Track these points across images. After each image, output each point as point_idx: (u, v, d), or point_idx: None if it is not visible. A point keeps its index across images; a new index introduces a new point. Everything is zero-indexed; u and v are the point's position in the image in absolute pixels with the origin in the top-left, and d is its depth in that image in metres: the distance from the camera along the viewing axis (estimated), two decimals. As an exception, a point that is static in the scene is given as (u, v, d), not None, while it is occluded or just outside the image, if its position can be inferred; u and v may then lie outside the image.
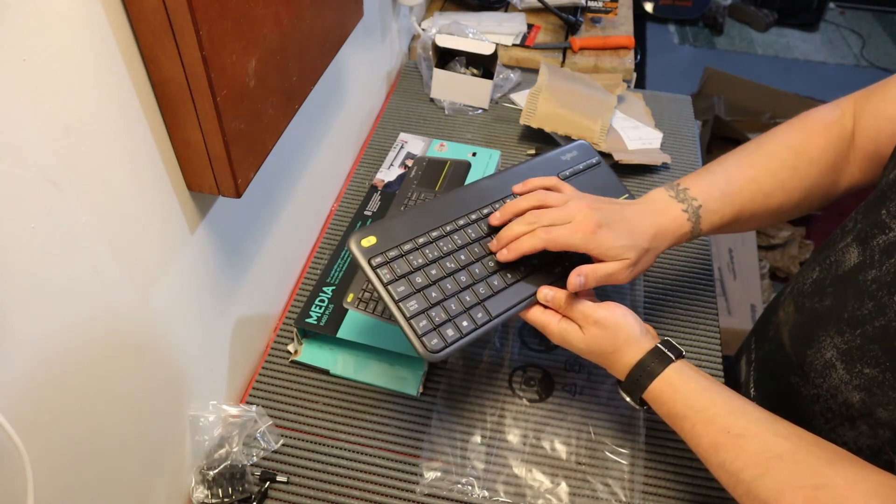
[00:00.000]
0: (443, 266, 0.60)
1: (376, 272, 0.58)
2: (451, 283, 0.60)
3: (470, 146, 0.98)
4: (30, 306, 0.39)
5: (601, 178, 0.75)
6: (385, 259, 0.58)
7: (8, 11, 0.34)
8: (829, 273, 0.59)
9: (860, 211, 0.59)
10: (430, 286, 0.59)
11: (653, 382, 0.56)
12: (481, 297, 0.60)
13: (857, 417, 0.55)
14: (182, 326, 0.59)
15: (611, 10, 1.27)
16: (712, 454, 0.52)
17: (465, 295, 0.60)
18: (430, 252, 0.60)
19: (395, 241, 0.60)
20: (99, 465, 0.49)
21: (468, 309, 0.59)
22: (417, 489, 0.65)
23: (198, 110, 0.47)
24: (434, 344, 0.56)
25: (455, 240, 0.62)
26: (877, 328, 0.52)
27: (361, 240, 0.59)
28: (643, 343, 0.58)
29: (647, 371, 0.57)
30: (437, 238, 0.62)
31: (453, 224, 0.63)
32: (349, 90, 0.95)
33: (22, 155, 0.37)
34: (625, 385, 0.59)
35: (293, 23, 0.57)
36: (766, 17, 3.31)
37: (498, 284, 0.61)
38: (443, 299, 0.59)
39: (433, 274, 0.59)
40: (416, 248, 0.60)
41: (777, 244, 1.96)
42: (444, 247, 0.61)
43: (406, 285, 0.58)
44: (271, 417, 0.68)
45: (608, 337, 0.58)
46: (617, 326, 0.58)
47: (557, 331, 0.60)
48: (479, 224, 0.64)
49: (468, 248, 0.62)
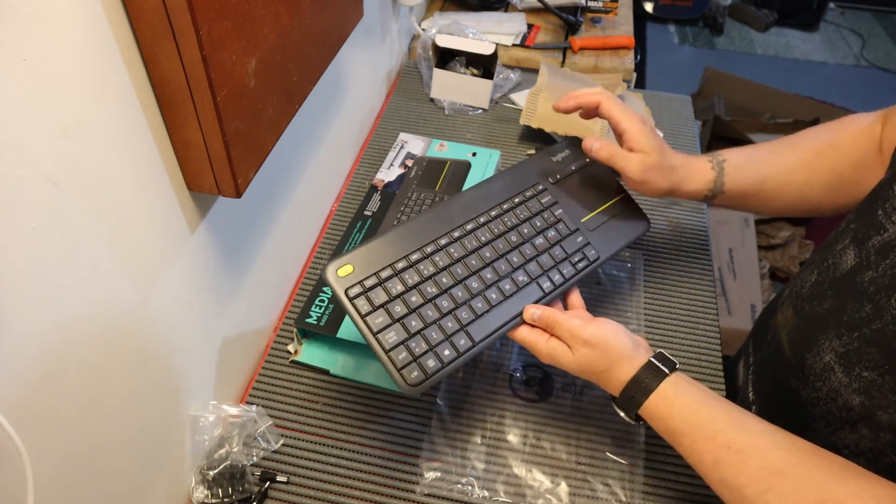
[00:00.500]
0: (422, 292, 0.58)
1: (353, 304, 0.56)
2: (432, 309, 0.58)
3: (470, 146, 0.98)
4: (30, 306, 0.39)
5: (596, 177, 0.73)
6: (362, 289, 0.56)
7: (8, 11, 0.34)
8: (828, 276, 0.59)
9: (856, 212, 0.59)
10: (410, 314, 0.57)
11: (648, 398, 0.55)
12: (463, 322, 0.58)
13: (857, 420, 0.55)
14: (182, 326, 0.59)
15: (611, 10, 1.27)
16: (713, 471, 0.51)
17: (447, 321, 0.58)
18: (409, 277, 0.58)
19: (373, 268, 0.57)
20: (99, 465, 0.49)
21: (449, 336, 0.57)
22: (417, 489, 0.65)
23: (198, 110, 0.47)
24: (414, 377, 0.54)
25: (436, 261, 0.60)
26: (874, 331, 0.52)
27: (338, 269, 0.57)
28: (636, 358, 0.57)
29: (642, 387, 0.56)
30: (417, 261, 0.59)
31: (434, 244, 0.61)
32: (349, 90, 0.95)
33: (22, 155, 0.37)
34: (619, 402, 0.58)
35: (293, 23, 0.56)
36: (766, 17, 3.31)
37: (481, 307, 0.59)
38: (423, 328, 0.56)
39: (413, 301, 0.57)
40: (394, 273, 0.58)
41: (777, 244, 1.96)
42: (424, 270, 0.59)
43: (384, 316, 0.56)
44: (271, 417, 0.68)
45: (599, 356, 0.57)
46: (608, 344, 0.57)
47: (546, 351, 0.59)
48: (463, 241, 0.62)
49: (450, 270, 0.60)
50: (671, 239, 0.91)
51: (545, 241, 0.65)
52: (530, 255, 0.64)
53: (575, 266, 0.65)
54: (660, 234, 0.92)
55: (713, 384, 0.75)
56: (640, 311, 0.81)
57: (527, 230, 0.65)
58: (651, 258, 0.88)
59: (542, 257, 0.64)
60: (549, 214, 0.68)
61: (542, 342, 0.59)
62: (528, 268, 0.63)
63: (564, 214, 0.68)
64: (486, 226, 0.64)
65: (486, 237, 0.63)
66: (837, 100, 2.41)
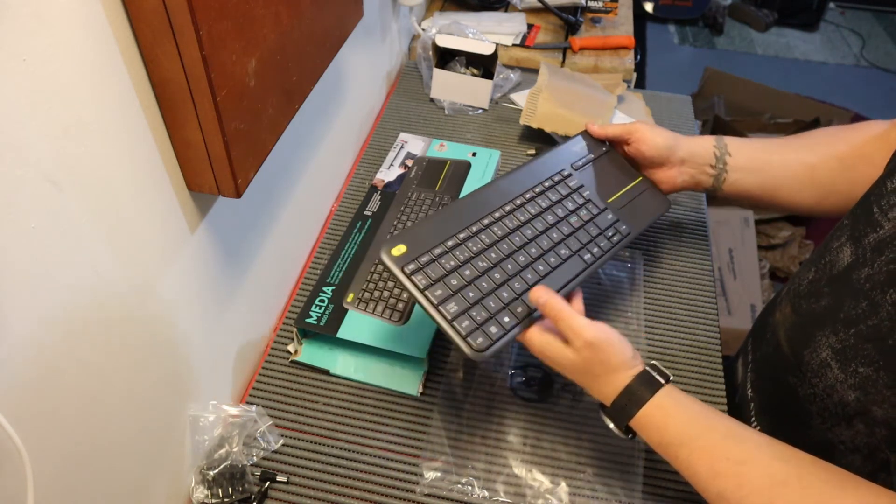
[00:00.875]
0: (475, 266, 0.61)
1: (411, 279, 0.58)
2: (486, 281, 0.60)
3: (470, 146, 0.98)
4: (30, 306, 0.39)
5: (615, 164, 0.78)
6: (418, 265, 0.58)
7: (8, 11, 0.34)
8: (825, 273, 0.59)
9: (852, 210, 0.59)
10: (467, 286, 0.59)
11: (643, 408, 0.54)
12: (517, 291, 0.61)
13: (853, 416, 0.55)
14: (182, 326, 0.59)
15: (611, 10, 1.27)
16: (711, 483, 0.50)
17: (502, 291, 0.60)
18: (460, 254, 0.61)
19: (425, 246, 0.60)
20: (99, 465, 0.49)
21: (507, 305, 0.59)
22: (417, 489, 0.65)
23: (198, 110, 0.47)
24: (480, 343, 0.56)
25: (483, 239, 0.63)
26: (870, 327, 0.52)
27: (391, 249, 0.58)
28: (633, 367, 0.56)
29: (636, 397, 0.54)
30: (465, 239, 0.62)
31: (479, 224, 0.64)
32: (349, 90, 0.95)
33: (22, 155, 0.37)
34: (610, 411, 0.56)
35: (293, 23, 0.56)
36: (766, 17, 3.31)
37: (531, 278, 0.62)
38: (481, 298, 0.59)
39: (467, 275, 0.60)
40: (446, 251, 0.60)
41: (777, 244, 1.96)
42: (472, 247, 0.62)
43: (443, 288, 0.58)
44: (271, 417, 0.68)
45: (600, 360, 0.55)
46: (612, 349, 0.55)
47: (539, 342, 0.58)
48: (504, 221, 0.65)
49: (496, 247, 0.63)
50: (671, 239, 0.91)
51: (579, 219, 0.70)
52: (567, 233, 0.68)
53: (610, 240, 0.70)
54: (660, 234, 0.92)
55: (713, 384, 0.75)
56: (640, 311, 0.81)
57: (560, 211, 0.70)
58: (651, 258, 0.88)
59: (579, 233, 0.69)
60: (578, 196, 0.72)
61: (536, 332, 0.58)
62: (567, 242, 0.67)
63: (592, 195, 0.73)
64: (522, 207, 0.68)
65: (524, 217, 0.67)
66: (837, 100, 2.41)
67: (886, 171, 0.56)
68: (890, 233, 0.52)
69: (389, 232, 0.85)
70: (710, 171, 0.74)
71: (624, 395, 0.55)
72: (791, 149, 0.73)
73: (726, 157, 0.74)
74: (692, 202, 0.96)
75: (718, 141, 0.75)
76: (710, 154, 0.74)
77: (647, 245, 0.90)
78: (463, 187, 0.91)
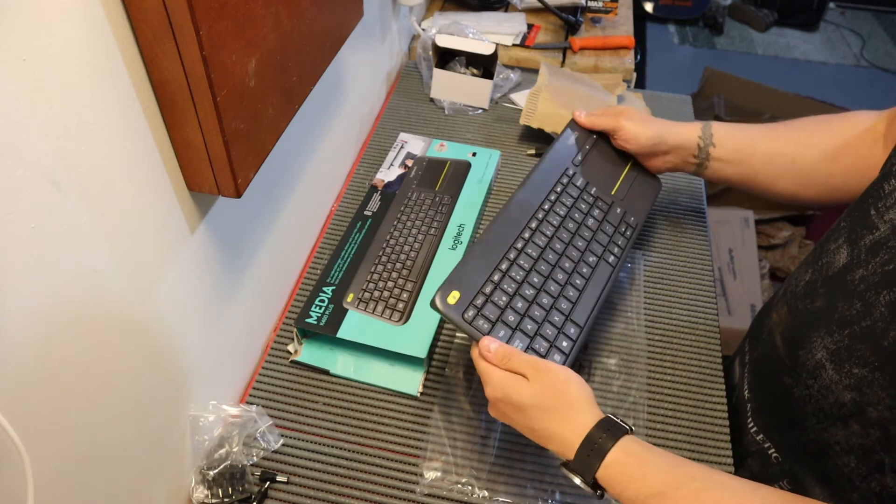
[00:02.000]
0: (523, 296, 0.63)
1: (474, 326, 0.59)
2: (538, 309, 0.62)
3: (470, 146, 0.98)
4: (30, 306, 0.39)
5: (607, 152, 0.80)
6: (475, 310, 0.60)
7: (8, 11, 0.34)
8: (821, 274, 0.59)
9: (849, 212, 0.59)
10: (522, 319, 0.61)
11: (611, 455, 0.49)
12: (565, 312, 0.63)
13: (848, 417, 0.55)
14: (182, 326, 0.59)
15: (611, 10, 1.27)
16: None
17: (553, 316, 0.63)
18: (507, 286, 0.63)
19: (476, 286, 0.61)
20: (99, 465, 0.49)
21: (561, 329, 0.62)
22: (417, 489, 0.65)
23: (198, 110, 0.47)
24: None
25: (522, 265, 0.65)
26: (864, 328, 0.52)
27: (447, 298, 0.59)
28: (591, 412, 0.52)
29: (599, 444, 0.49)
30: (507, 269, 0.64)
31: (514, 249, 0.65)
32: (349, 90, 0.95)
33: (22, 155, 0.37)
34: (574, 463, 0.50)
35: (293, 23, 0.56)
36: (766, 17, 3.31)
37: (573, 295, 0.65)
38: (537, 329, 0.61)
39: (520, 307, 0.62)
40: (495, 286, 0.62)
41: (777, 244, 1.95)
42: (515, 276, 0.64)
43: (504, 329, 0.60)
44: (271, 417, 0.68)
45: (558, 390, 0.52)
46: (568, 380, 0.53)
47: (499, 379, 0.54)
48: (534, 240, 0.67)
49: (535, 269, 0.65)
50: (671, 239, 0.91)
51: (595, 221, 0.73)
52: (588, 237, 0.71)
53: (624, 235, 0.74)
54: (660, 233, 0.92)
55: (713, 384, 0.75)
56: (640, 311, 0.81)
57: (577, 216, 0.72)
58: (651, 258, 0.88)
59: (598, 235, 0.72)
60: (588, 195, 0.75)
61: (497, 371, 0.55)
62: (591, 248, 0.70)
63: (599, 192, 0.76)
64: (545, 221, 0.70)
65: (549, 231, 0.69)
66: (837, 100, 2.41)
67: (883, 172, 0.56)
68: (885, 234, 0.52)
69: (387, 236, 0.85)
70: (693, 161, 0.77)
71: (586, 443, 0.50)
72: (778, 139, 0.74)
73: (710, 147, 0.75)
74: (692, 202, 0.96)
75: (705, 129, 0.76)
76: (694, 145, 0.76)
77: (647, 245, 0.90)
78: (463, 187, 0.91)
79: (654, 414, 0.72)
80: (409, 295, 0.77)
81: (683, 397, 0.73)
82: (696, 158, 0.76)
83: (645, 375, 0.75)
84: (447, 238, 0.84)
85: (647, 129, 0.76)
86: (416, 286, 0.78)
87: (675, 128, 0.77)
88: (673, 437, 0.70)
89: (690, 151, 0.76)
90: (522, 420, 0.54)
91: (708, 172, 0.77)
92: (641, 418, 0.71)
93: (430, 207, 0.88)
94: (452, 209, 0.88)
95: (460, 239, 0.84)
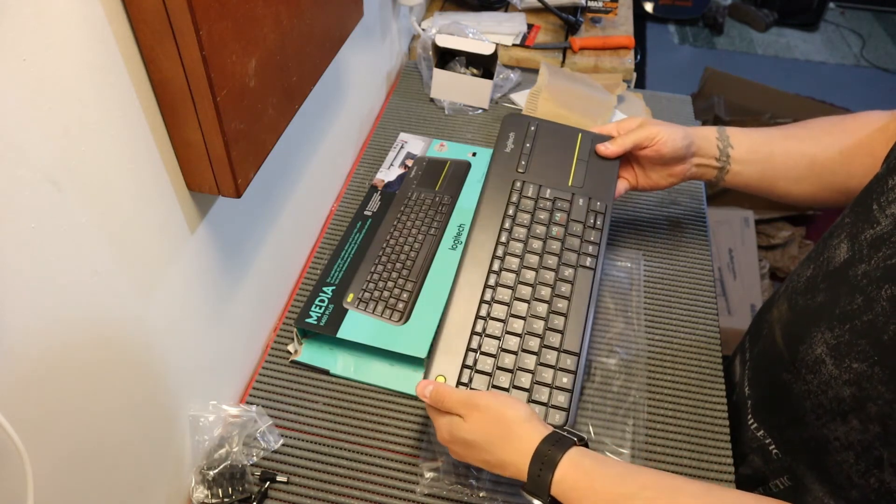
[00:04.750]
0: (508, 349, 0.60)
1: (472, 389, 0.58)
2: (528, 357, 0.59)
3: (470, 146, 0.98)
4: (30, 306, 0.39)
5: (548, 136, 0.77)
6: (470, 370, 0.58)
7: (8, 11, 0.34)
8: (822, 270, 0.59)
9: (851, 207, 0.59)
10: (515, 375, 0.59)
11: (561, 470, 0.48)
12: (556, 346, 0.60)
13: (848, 412, 0.55)
14: (182, 326, 0.59)
15: (611, 10, 1.27)
16: None
17: (545, 356, 0.59)
18: (488, 348, 0.60)
19: (458, 362, 0.59)
20: (99, 465, 0.49)
21: (557, 366, 0.59)
22: (417, 489, 0.65)
23: (198, 110, 0.47)
24: (558, 420, 0.57)
25: (497, 317, 0.61)
26: (864, 322, 0.52)
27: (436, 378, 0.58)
28: (537, 428, 0.51)
29: (548, 458, 0.48)
30: (483, 329, 0.61)
31: (484, 304, 0.62)
32: (349, 90, 0.95)
33: (22, 155, 0.37)
34: (529, 485, 0.49)
35: (293, 23, 0.56)
36: (766, 17, 3.31)
37: (559, 323, 0.61)
38: (532, 378, 0.58)
39: (508, 364, 0.59)
40: (476, 353, 0.60)
41: (777, 244, 1.95)
42: (493, 332, 0.60)
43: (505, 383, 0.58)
44: (271, 417, 0.68)
45: (492, 421, 0.51)
46: (501, 406, 0.52)
47: (444, 423, 0.54)
48: (501, 284, 0.63)
49: (512, 314, 0.62)
50: (671, 239, 0.91)
51: (560, 227, 0.68)
52: (559, 250, 0.67)
53: (595, 227, 0.68)
54: (660, 234, 0.92)
55: (713, 384, 0.75)
56: (640, 311, 0.81)
57: (539, 230, 0.68)
58: (651, 258, 0.88)
59: (568, 241, 0.67)
60: (544, 201, 0.70)
61: (438, 415, 0.55)
62: (565, 260, 0.65)
63: (555, 191, 0.70)
64: (507, 255, 0.65)
65: (515, 264, 0.65)
66: (837, 100, 2.41)
67: (885, 168, 0.56)
68: (887, 229, 0.52)
69: (387, 236, 0.85)
70: (716, 164, 0.74)
71: (535, 461, 0.49)
72: (794, 139, 0.73)
73: (729, 149, 0.74)
74: (692, 202, 0.96)
75: (720, 132, 0.75)
76: (715, 147, 0.74)
77: (647, 245, 0.90)
78: (463, 187, 0.91)
79: (654, 414, 0.72)
80: (409, 295, 0.77)
81: (683, 397, 0.73)
82: (719, 162, 0.74)
83: (645, 375, 0.75)
84: (447, 238, 0.84)
85: (676, 130, 0.73)
86: (416, 286, 0.78)
87: (695, 129, 0.75)
88: (673, 436, 0.70)
89: (713, 153, 0.74)
90: (477, 455, 0.53)
91: (729, 177, 0.74)
92: (641, 418, 0.71)
93: (430, 207, 0.88)
94: (452, 209, 0.88)
95: (460, 239, 0.84)
